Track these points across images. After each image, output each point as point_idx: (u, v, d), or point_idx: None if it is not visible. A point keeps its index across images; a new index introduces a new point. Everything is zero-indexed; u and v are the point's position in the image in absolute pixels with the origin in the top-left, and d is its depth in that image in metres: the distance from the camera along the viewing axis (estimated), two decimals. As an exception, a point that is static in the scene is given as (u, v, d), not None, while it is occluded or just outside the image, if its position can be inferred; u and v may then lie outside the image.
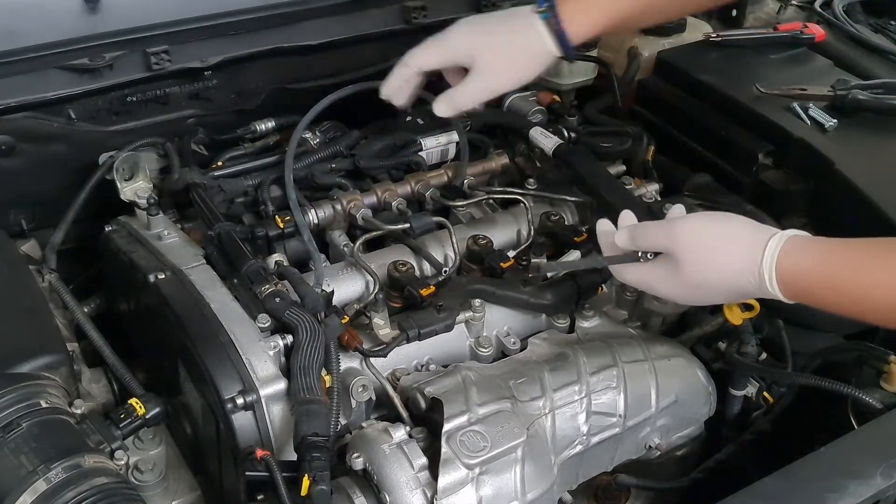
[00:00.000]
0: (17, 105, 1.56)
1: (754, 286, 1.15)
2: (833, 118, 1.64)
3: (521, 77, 1.45)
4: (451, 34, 1.45)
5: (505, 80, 1.44)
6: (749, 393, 1.45)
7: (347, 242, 1.55)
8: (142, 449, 1.34)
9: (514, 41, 1.41)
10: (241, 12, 1.73)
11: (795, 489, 1.13)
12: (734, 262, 1.15)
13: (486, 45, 1.42)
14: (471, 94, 1.44)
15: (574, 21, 1.39)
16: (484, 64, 1.41)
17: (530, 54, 1.42)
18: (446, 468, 1.15)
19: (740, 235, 1.16)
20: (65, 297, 1.45)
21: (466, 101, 1.44)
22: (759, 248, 1.13)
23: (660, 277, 1.23)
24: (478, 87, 1.42)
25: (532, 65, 1.43)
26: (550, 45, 1.40)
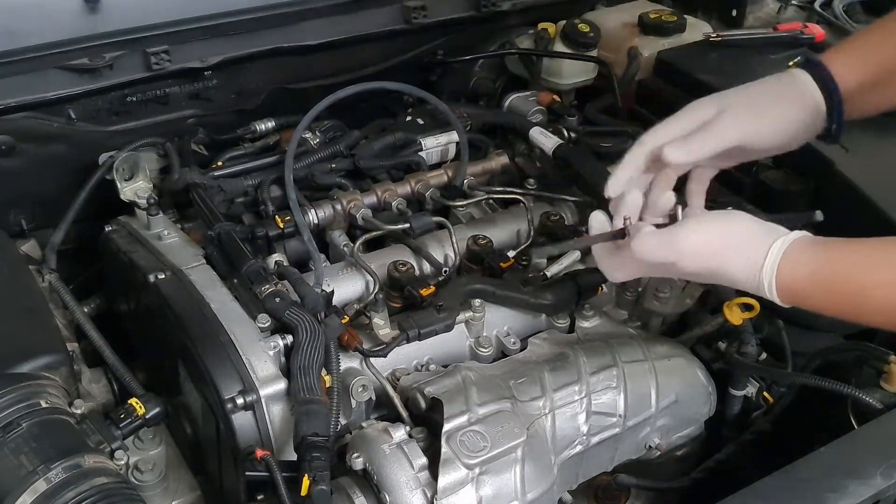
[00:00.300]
0: (17, 105, 1.57)
1: (753, 289, 1.14)
2: (833, 118, 1.63)
3: (777, 126, 1.22)
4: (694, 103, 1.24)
5: (758, 123, 1.21)
6: (749, 393, 1.45)
7: (347, 242, 1.55)
8: (142, 449, 1.34)
9: (770, 90, 1.24)
10: (241, 12, 1.73)
11: (795, 489, 1.13)
12: (736, 270, 1.13)
13: (736, 101, 1.22)
14: (715, 137, 1.19)
15: (841, 64, 1.23)
16: (733, 108, 1.20)
17: (791, 103, 1.23)
18: (446, 468, 1.15)
19: (744, 242, 1.13)
20: (65, 297, 1.45)
21: (710, 144, 1.19)
22: (761, 255, 1.10)
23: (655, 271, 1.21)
24: (723, 128, 1.19)
25: (792, 116, 1.23)
26: (816, 96, 1.23)
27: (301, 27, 1.80)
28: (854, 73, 1.24)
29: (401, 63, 1.93)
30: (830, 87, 1.23)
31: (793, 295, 1.11)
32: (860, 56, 1.25)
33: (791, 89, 1.24)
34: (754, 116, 1.21)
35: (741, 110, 1.21)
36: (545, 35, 1.94)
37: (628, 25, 1.99)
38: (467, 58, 2.01)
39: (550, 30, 1.94)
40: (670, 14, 1.99)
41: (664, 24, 1.96)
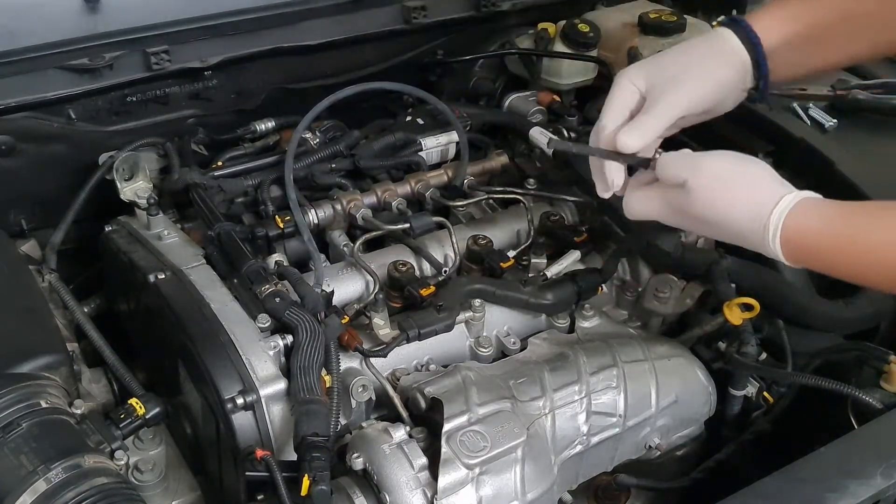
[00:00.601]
0: (17, 105, 1.56)
1: (757, 239, 1.12)
2: (833, 118, 1.64)
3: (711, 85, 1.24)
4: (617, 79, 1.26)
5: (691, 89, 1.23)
6: (749, 393, 1.45)
7: (347, 242, 1.55)
8: (142, 449, 1.34)
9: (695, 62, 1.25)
10: (241, 12, 1.73)
11: (795, 489, 1.13)
12: (743, 210, 1.12)
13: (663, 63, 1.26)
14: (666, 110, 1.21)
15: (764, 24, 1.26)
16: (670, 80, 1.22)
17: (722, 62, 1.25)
18: (446, 468, 1.15)
19: (758, 184, 1.13)
20: (65, 297, 1.45)
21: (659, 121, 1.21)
22: (771, 202, 1.10)
23: (669, 207, 1.19)
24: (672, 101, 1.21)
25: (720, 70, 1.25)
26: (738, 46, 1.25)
27: (301, 27, 1.80)
28: (778, 30, 1.25)
29: (401, 63, 1.93)
30: (754, 42, 1.24)
31: (797, 251, 1.10)
32: (784, 15, 1.27)
33: (718, 48, 1.25)
34: (689, 80, 1.23)
35: (674, 78, 1.22)
36: (545, 35, 1.94)
37: (628, 25, 1.98)
38: (467, 58, 2.01)
39: (550, 30, 1.94)
40: (670, 14, 1.99)
41: (664, 24, 1.95)
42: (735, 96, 1.29)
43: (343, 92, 1.63)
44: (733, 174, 1.15)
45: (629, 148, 1.20)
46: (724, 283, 1.44)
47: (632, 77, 1.24)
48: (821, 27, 1.27)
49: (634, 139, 1.19)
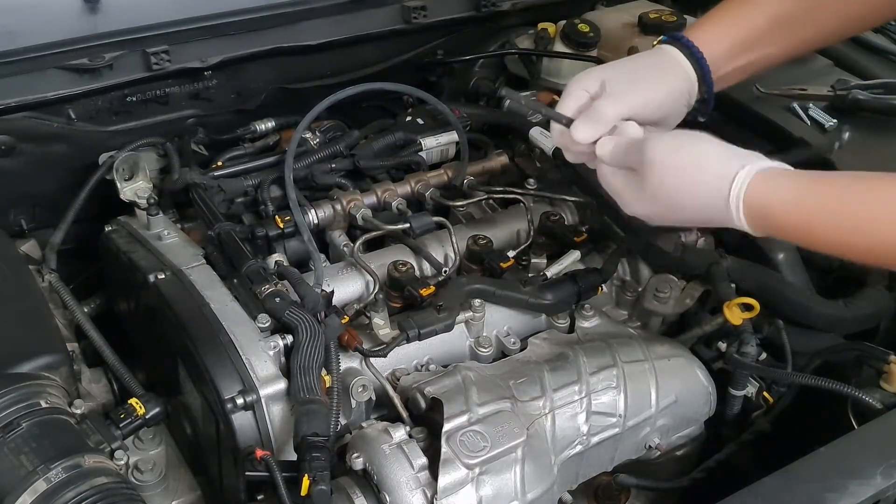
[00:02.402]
0: (17, 105, 1.56)
1: (721, 215, 1.11)
2: (833, 118, 1.64)
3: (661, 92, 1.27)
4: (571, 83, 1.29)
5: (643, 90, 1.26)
6: (749, 393, 1.45)
7: (347, 242, 1.55)
8: (142, 449, 1.34)
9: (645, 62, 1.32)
10: (241, 12, 1.73)
11: (795, 489, 1.13)
12: (702, 191, 1.11)
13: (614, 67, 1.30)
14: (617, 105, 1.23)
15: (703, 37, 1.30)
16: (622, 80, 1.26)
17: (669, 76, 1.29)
18: (446, 468, 1.15)
19: (709, 163, 1.12)
20: (65, 297, 1.46)
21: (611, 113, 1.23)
22: (727, 179, 1.09)
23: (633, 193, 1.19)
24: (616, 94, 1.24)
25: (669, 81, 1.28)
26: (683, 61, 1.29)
27: (301, 27, 1.80)
28: (717, 43, 1.31)
29: (401, 63, 1.93)
30: (698, 56, 1.29)
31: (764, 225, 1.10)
32: (720, 27, 1.32)
33: (664, 62, 1.30)
34: (641, 81, 1.27)
35: (626, 78, 1.27)
36: (545, 35, 1.94)
37: (628, 25, 1.98)
38: (467, 58, 2.01)
39: (550, 30, 1.94)
40: (670, 14, 1.99)
41: (664, 24, 1.95)
42: (681, 110, 1.32)
43: (343, 92, 1.63)
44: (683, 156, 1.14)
45: (583, 139, 1.22)
46: (724, 283, 1.44)
47: (582, 81, 1.28)
48: (755, 32, 1.32)
49: (586, 130, 1.22)
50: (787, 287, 1.46)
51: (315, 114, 1.61)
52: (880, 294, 1.48)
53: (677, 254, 1.49)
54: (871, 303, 1.46)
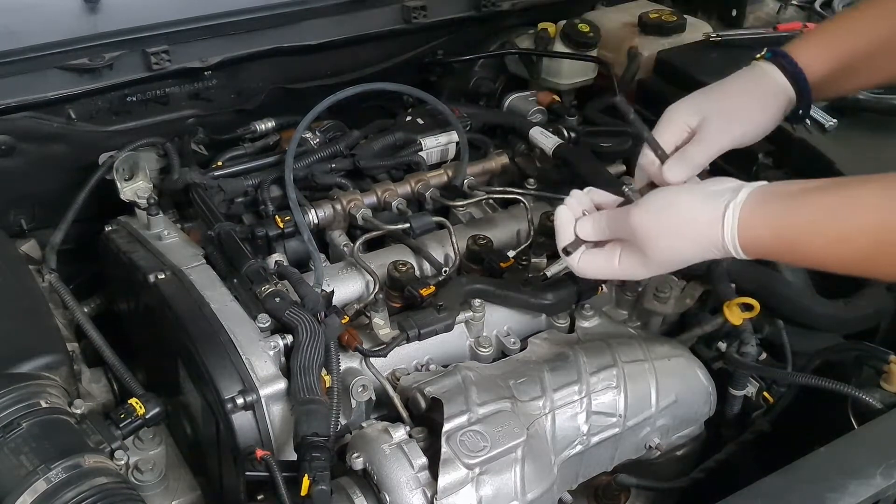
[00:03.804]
0: (17, 105, 1.57)
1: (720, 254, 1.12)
2: (833, 118, 1.64)
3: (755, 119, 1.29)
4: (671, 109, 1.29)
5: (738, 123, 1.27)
6: (749, 393, 1.45)
7: (347, 242, 1.55)
8: (142, 449, 1.34)
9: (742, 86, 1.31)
10: (241, 12, 1.73)
11: (795, 489, 1.13)
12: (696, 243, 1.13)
13: (711, 97, 1.29)
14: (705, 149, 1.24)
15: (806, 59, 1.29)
16: (714, 114, 1.25)
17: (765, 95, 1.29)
18: (446, 468, 1.15)
19: (695, 214, 1.13)
20: (65, 297, 1.46)
21: (701, 156, 1.24)
22: (716, 224, 1.10)
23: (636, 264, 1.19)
24: (711, 138, 1.24)
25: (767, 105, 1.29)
26: (785, 85, 1.29)
27: (301, 27, 1.80)
28: (820, 63, 1.29)
29: (401, 63, 1.93)
30: (800, 79, 1.29)
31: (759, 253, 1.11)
32: (826, 45, 1.31)
33: (763, 85, 1.29)
34: (738, 121, 1.27)
35: (725, 116, 1.25)
36: (545, 35, 1.94)
37: (628, 25, 1.99)
38: (467, 58, 2.01)
39: (550, 30, 1.94)
40: (670, 14, 1.99)
41: (664, 24, 1.96)
42: (776, 124, 1.33)
43: (343, 92, 1.63)
44: (669, 217, 1.14)
45: (674, 179, 1.22)
46: (724, 283, 1.44)
47: (683, 113, 1.27)
48: (860, 54, 1.29)
49: (679, 172, 1.22)
50: (787, 287, 1.46)
51: (315, 114, 1.61)
52: (880, 294, 1.48)
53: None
54: (871, 303, 1.46)
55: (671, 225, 1.14)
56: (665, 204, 1.16)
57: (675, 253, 1.15)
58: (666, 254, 1.16)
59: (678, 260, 1.17)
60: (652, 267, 1.18)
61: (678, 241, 1.14)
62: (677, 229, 1.14)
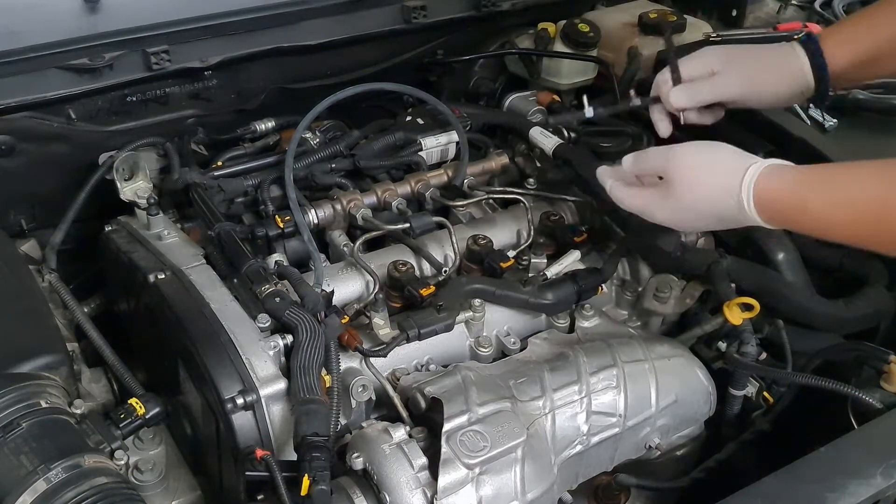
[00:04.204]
0: (17, 105, 1.56)
1: (735, 209, 1.21)
2: (833, 118, 1.64)
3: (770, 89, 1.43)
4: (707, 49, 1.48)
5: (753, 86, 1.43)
6: (749, 393, 1.45)
7: (347, 242, 1.55)
8: (142, 449, 1.34)
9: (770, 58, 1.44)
10: (241, 12, 1.73)
11: (795, 489, 1.13)
12: (717, 183, 1.22)
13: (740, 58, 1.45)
14: (705, 92, 1.44)
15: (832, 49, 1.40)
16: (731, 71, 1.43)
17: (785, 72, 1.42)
18: (446, 468, 1.15)
19: (725, 160, 1.24)
20: (65, 297, 1.46)
21: (697, 96, 1.45)
22: (739, 172, 1.20)
23: (656, 201, 1.29)
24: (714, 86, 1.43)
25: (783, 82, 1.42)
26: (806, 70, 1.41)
27: (301, 27, 1.80)
28: (844, 53, 1.41)
29: (401, 63, 1.93)
30: (822, 71, 1.41)
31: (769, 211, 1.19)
32: (851, 39, 1.42)
33: (788, 64, 1.42)
34: (753, 82, 1.43)
35: (743, 74, 1.43)
36: (545, 35, 1.94)
37: (628, 25, 1.98)
38: (467, 58, 2.01)
39: (550, 30, 1.94)
40: (670, 14, 1.99)
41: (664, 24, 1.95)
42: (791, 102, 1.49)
43: (343, 92, 1.63)
44: (702, 157, 1.26)
45: (675, 102, 1.45)
46: (724, 283, 1.44)
47: (711, 56, 1.45)
48: (883, 46, 1.40)
49: (682, 98, 1.45)
50: (787, 287, 1.46)
51: (315, 114, 1.61)
52: (880, 294, 1.48)
53: (677, 254, 1.49)
54: (871, 303, 1.46)
55: (699, 163, 1.25)
56: (702, 146, 1.27)
57: (695, 196, 1.24)
58: (687, 194, 1.25)
59: (694, 204, 1.25)
60: (670, 204, 1.27)
61: (702, 180, 1.24)
62: (704, 168, 1.24)
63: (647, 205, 1.31)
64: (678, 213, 1.28)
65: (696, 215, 1.27)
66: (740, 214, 1.21)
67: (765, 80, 1.43)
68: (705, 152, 1.27)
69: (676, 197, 1.26)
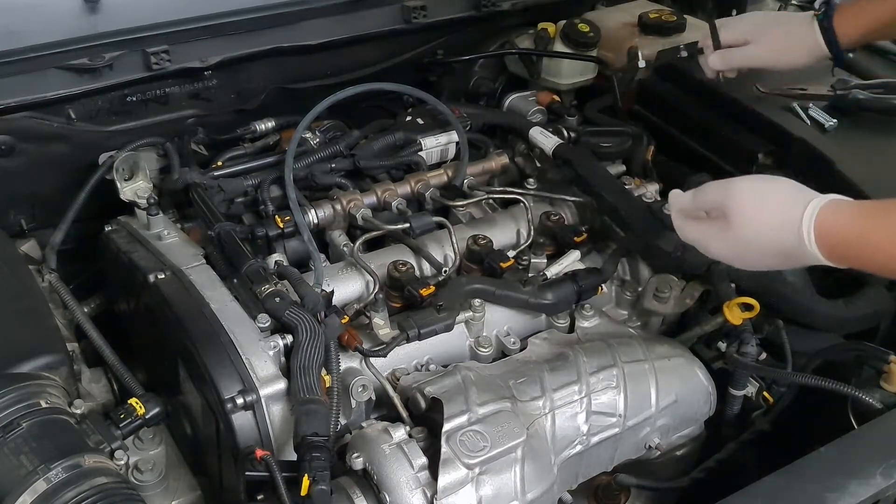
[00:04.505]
0: (17, 105, 1.56)
1: (795, 244, 1.15)
2: (833, 118, 1.64)
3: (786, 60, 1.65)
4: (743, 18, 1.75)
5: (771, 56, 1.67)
6: (749, 393, 1.45)
7: (347, 242, 1.55)
8: (142, 449, 1.34)
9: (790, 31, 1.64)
10: (241, 12, 1.73)
11: (795, 489, 1.13)
12: (776, 218, 1.17)
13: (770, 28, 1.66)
14: (740, 57, 1.67)
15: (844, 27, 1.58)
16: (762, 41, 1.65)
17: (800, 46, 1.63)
18: (446, 468, 1.15)
19: (785, 194, 1.20)
20: (65, 297, 1.46)
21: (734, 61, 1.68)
22: (799, 206, 1.15)
23: (713, 234, 1.25)
24: (749, 53, 1.66)
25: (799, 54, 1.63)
26: (822, 43, 1.60)
27: (301, 27, 1.80)
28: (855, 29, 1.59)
29: (401, 63, 1.93)
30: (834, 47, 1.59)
31: (831, 247, 1.14)
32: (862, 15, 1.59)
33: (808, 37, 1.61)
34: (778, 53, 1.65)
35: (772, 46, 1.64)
36: (545, 35, 1.94)
37: (628, 25, 1.99)
38: (467, 58, 2.01)
39: (550, 30, 1.94)
40: (670, 14, 1.99)
41: (664, 24, 1.96)
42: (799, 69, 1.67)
43: (343, 92, 1.63)
44: (761, 191, 1.22)
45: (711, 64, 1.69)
46: (724, 283, 1.44)
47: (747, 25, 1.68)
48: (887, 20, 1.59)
49: (717, 62, 1.68)
50: (788, 287, 1.46)
51: (315, 114, 1.61)
52: (880, 294, 1.48)
53: (677, 254, 1.49)
54: (871, 303, 1.46)
55: (758, 197, 1.21)
56: (761, 180, 1.26)
57: (753, 231, 1.20)
58: (744, 228, 1.20)
59: (752, 239, 1.20)
60: (727, 239, 1.22)
61: (760, 214, 1.19)
62: (762, 202, 1.21)
63: (703, 238, 1.26)
64: (734, 248, 1.23)
65: (752, 251, 1.22)
66: (799, 250, 1.15)
67: (788, 52, 1.63)
68: (764, 186, 1.23)
69: (734, 231, 1.21)
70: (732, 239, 1.22)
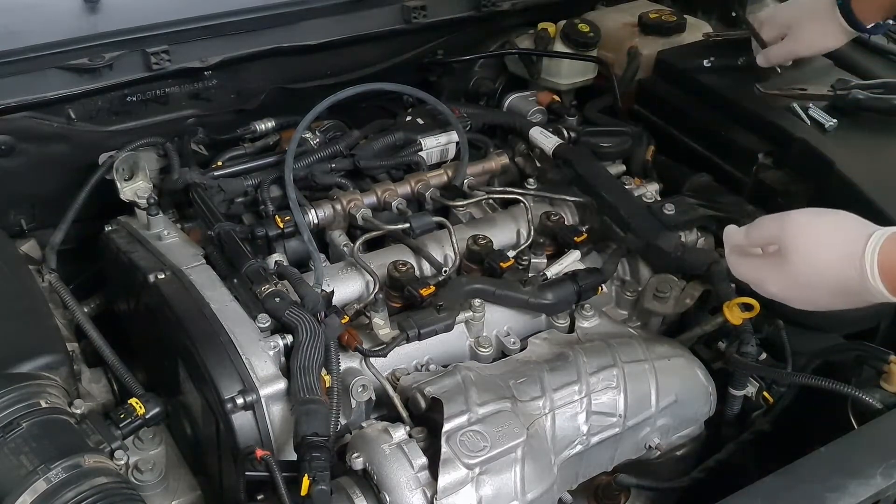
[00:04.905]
0: (17, 105, 1.56)
1: (857, 280, 1.10)
2: (833, 118, 1.64)
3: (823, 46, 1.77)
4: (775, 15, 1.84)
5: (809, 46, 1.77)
6: (749, 393, 1.45)
7: (347, 242, 1.55)
8: (142, 449, 1.34)
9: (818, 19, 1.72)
10: (241, 12, 1.73)
11: (795, 489, 1.13)
12: (837, 252, 1.12)
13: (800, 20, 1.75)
14: (783, 53, 1.78)
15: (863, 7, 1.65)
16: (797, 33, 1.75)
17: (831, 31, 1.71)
18: (446, 468, 1.15)
19: (844, 227, 1.15)
20: (65, 297, 1.46)
21: (779, 57, 1.79)
22: (861, 240, 1.10)
23: (770, 272, 1.20)
24: (789, 48, 1.77)
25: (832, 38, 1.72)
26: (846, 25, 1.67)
27: (301, 27, 1.80)
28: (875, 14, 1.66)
29: (401, 63, 1.93)
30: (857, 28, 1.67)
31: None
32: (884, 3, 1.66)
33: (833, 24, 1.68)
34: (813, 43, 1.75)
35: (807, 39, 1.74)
36: (545, 35, 1.94)
37: (628, 25, 1.99)
38: (467, 58, 2.01)
39: (550, 30, 1.94)
40: (670, 14, 1.99)
41: (664, 24, 1.96)
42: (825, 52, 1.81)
43: (343, 92, 1.63)
44: (820, 224, 1.17)
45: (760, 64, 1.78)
46: (724, 283, 1.44)
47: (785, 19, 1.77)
48: None
49: (761, 60, 1.79)
50: (787, 287, 1.45)
51: (315, 114, 1.61)
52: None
53: (677, 254, 1.49)
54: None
55: (816, 231, 1.16)
56: (818, 213, 1.18)
57: (812, 267, 1.14)
58: (802, 264, 1.15)
59: (811, 275, 1.15)
60: (784, 276, 1.17)
61: (819, 248, 1.14)
62: (821, 236, 1.15)
63: (759, 276, 1.21)
64: (793, 287, 1.18)
65: (812, 289, 1.16)
66: (862, 286, 1.09)
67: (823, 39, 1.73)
68: (823, 219, 1.17)
69: (791, 267, 1.15)
70: (790, 276, 1.16)
